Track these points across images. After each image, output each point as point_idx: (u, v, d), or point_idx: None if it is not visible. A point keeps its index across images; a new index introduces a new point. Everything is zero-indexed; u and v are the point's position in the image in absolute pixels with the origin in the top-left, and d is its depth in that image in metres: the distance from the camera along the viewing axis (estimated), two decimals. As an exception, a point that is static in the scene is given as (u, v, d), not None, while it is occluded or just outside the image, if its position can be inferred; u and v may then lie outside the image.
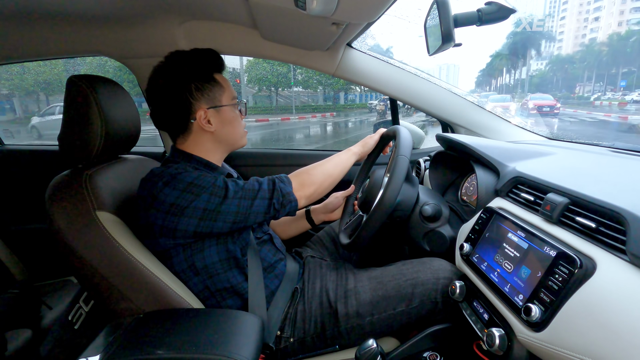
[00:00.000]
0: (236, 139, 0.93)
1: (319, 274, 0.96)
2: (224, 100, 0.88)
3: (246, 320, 0.73)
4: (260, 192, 0.82)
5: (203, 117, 0.85)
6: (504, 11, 0.85)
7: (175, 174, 0.77)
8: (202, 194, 0.77)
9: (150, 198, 0.77)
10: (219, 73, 0.90)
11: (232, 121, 0.90)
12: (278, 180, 0.85)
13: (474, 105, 1.29)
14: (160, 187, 0.76)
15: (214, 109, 0.86)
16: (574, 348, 0.48)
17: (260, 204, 0.81)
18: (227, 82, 0.90)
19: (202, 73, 0.85)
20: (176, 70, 0.84)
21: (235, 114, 0.91)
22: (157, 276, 0.76)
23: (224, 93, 0.88)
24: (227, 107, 0.88)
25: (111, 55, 1.20)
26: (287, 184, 0.86)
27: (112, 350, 0.63)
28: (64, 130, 0.79)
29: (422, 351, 0.78)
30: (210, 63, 0.88)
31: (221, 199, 0.78)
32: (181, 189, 0.76)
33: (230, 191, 0.79)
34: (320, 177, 0.91)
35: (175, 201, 0.76)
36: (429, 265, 0.87)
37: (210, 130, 0.87)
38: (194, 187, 0.77)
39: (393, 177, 0.81)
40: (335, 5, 0.68)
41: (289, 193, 0.84)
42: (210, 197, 0.77)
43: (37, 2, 0.91)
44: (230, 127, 0.90)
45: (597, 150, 0.95)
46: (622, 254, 0.49)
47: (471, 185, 1.06)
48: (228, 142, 0.92)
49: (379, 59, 1.26)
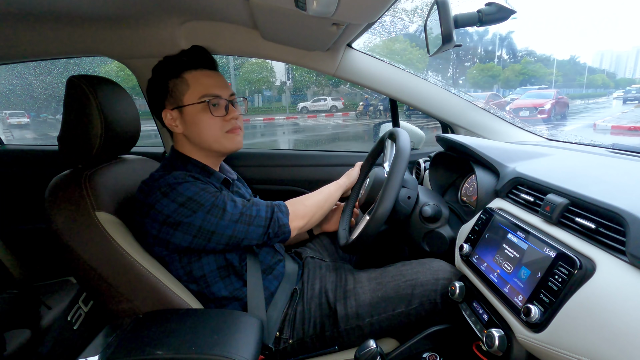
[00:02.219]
0: (209, 141, 0.85)
1: (318, 274, 0.96)
2: (185, 99, 0.83)
3: (245, 320, 0.73)
4: (257, 219, 0.80)
5: (169, 118, 0.84)
6: (504, 12, 0.85)
7: (174, 184, 0.76)
8: (199, 211, 0.75)
9: (147, 207, 0.76)
10: (193, 70, 0.84)
11: (198, 122, 0.83)
12: (277, 209, 0.84)
13: (473, 106, 1.29)
14: (158, 198, 0.75)
15: (177, 109, 0.83)
16: (573, 349, 0.48)
17: (256, 231, 0.80)
18: (200, 80, 0.84)
19: (170, 72, 0.83)
20: (154, 71, 0.85)
21: (203, 114, 0.83)
22: (156, 277, 0.76)
23: (187, 92, 0.83)
24: (190, 107, 0.83)
25: (111, 56, 1.20)
26: (285, 215, 0.84)
27: (111, 351, 0.63)
28: (64, 130, 0.79)
29: (421, 352, 0.78)
30: (181, 61, 0.84)
31: (217, 220, 0.76)
32: (179, 202, 0.75)
33: (228, 213, 0.77)
34: (313, 209, 0.91)
35: (171, 214, 0.74)
36: (428, 266, 0.87)
37: (179, 131, 0.84)
38: (193, 203, 0.75)
39: (395, 170, 0.81)
40: (336, 6, 0.68)
41: (285, 225, 0.84)
42: (207, 217, 0.76)
43: (37, 2, 0.90)
44: (195, 128, 0.84)
45: (597, 151, 0.95)
46: (622, 255, 0.49)
47: (471, 186, 1.06)
48: (201, 145, 0.86)
49: (379, 60, 1.26)
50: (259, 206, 0.83)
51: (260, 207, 0.82)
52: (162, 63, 0.85)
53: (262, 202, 0.85)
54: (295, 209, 0.87)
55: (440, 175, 1.15)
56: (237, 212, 0.79)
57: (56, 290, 1.28)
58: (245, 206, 0.81)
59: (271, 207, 0.84)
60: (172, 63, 0.84)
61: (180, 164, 0.86)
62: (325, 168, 1.50)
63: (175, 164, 0.86)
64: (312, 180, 1.50)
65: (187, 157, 0.86)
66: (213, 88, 0.85)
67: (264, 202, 0.85)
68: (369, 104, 13.77)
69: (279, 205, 0.85)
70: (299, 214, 0.88)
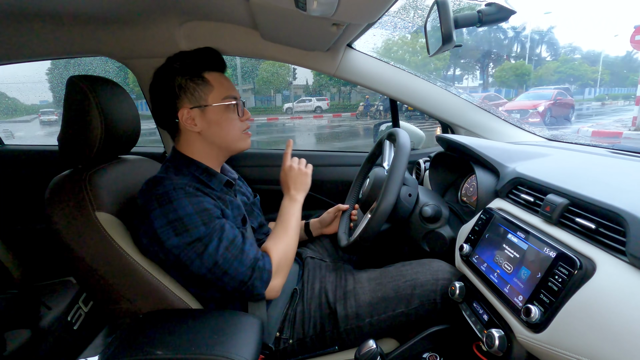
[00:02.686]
0: (228, 141, 0.87)
1: (318, 275, 0.96)
2: (210, 99, 0.83)
3: (245, 320, 0.73)
4: (234, 274, 0.76)
5: (186, 117, 0.83)
6: (504, 12, 0.85)
7: (172, 197, 0.73)
8: (184, 233, 0.73)
9: (143, 215, 0.75)
10: (211, 72, 0.85)
11: (221, 122, 0.85)
12: (256, 274, 0.78)
13: (473, 106, 1.29)
14: (154, 208, 0.73)
15: (199, 109, 0.83)
16: (573, 349, 0.48)
17: (227, 284, 0.76)
18: (220, 81, 0.86)
19: (189, 71, 0.83)
20: (165, 69, 0.84)
21: (226, 115, 0.85)
22: (155, 277, 0.76)
23: (212, 92, 0.84)
24: (213, 107, 0.83)
25: (112, 56, 1.20)
26: (264, 283, 0.78)
27: (111, 351, 0.63)
28: (64, 131, 0.79)
29: (421, 352, 0.78)
30: (199, 61, 0.84)
31: (195, 257, 0.74)
32: (170, 219, 0.73)
33: (207, 254, 0.74)
34: (290, 264, 0.87)
35: (158, 230, 0.73)
36: (428, 266, 0.87)
37: (196, 130, 0.84)
38: (180, 224, 0.73)
39: (396, 166, 0.81)
40: (336, 6, 0.68)
41: (259, 294, 0.79)
42: (186, 249, 0.73)
43: (37, 2, 0.91)
44: (217, 128, 0.85)
45: (597, 151, 0.95)
46: (622, 255, 0.49)
47: (471, 186, 1.06)
48: (220, 145, 0.87)
49: (379, 60, 1.26)
50: (243, 259, 0.77)
51: (243, 261, 0.76)
52: (175, 61, 0.83)
53: (248, 257, 0.78)
54: (279, 268, 0.82)
55: (440, 175, 1.15)
56: (218, 256, 0.74)
57: (56, 291, 1.28)
58: (230, 251, 0.76)
59: (251, 269, 0.77)
60: (192, 62, 0.84)
61: (183, 166, 0.85)
62: (325, 168, 1.50)
63: (178, 165, 0.85)
64: (312, 180, 1.50)
65: (189, 158, 0.85)
66: (231, 90, 0.87)
67: (251, 257, 0.78)
68: (370, 104, 13.52)
69: (261, 270, 0.78)
70: (281, 275, 0.83)
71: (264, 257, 0.81)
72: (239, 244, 0.77)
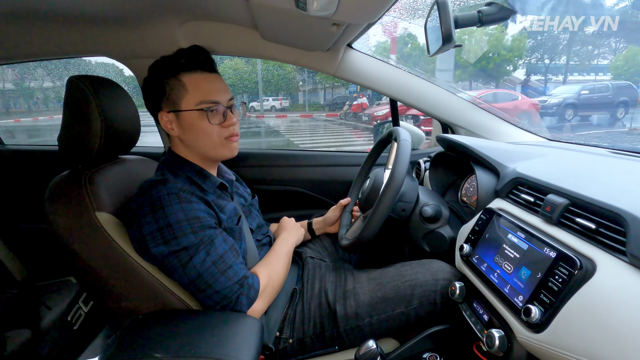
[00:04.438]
0: (207, 148, 0.83)
1: (318, 274, 0.96)
2: (183, 104, 0.80)
3: (245, 321, 0.72)
4: (218, 289, 0.74)
5: (165, 120, 0.81)
6: (505, 12, 0.85)
7: (164, 203, 0.72)
8: (171, 241, 0.72)
9: (135, 219, 0.74)
10: (191, 73, 0.80)
11: (194, 129, 0.81)
12: (244, 293, 0.77)
13: (473, 106, 1.29)
14: (145, 213, 0.73)
15: (174, 113, 0.81)
16: (573, 349, 0.48)
17: (207, 299, 0.76)
18: (198, 84, 0.80)
19: (167, 72, 0.80)
20: (150, 70, 0.83)
21: (200, 121, 0.80)
22: (155, 277, 0.76)
23: (185, 96, 0.80)
24: (187, 113, 0.80)
25: (111, 56, 1.20)
26: (248, 303, 0.77)
27: (111, 352, 0.63)
28: (64, 131, 0.79)
29: (421, 352, 0.78)
30: (177, 62, 0.80)
31: (178, 265, 0.73)
32: (159, 225, 0.72)
33: (191, 265, 0.73)
34: (277, 289, 0.87)
35: (147, 236, 0.72)
36: (428, 266, 0.86)
37: (175, 135, 0.83)
38: (171, 230, 0.72)
39: (398, 162, 0.80)
40: (336, 6, 0.68)
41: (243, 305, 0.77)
42: (170, 257, 0.73)
43: (38, 2, 0.91)
44: (191, 134, 0.81)
45: (597, 151, 0.95)
46: (622, 255, 0.49)
47: (471, 186, 1.06)
48: (199, 151, 0.84)
49: (379, 60, 1.26)
50: (231, 275, 0.75)
51: (231, 277, 0.75)
52: (159, 63, 0.83)
53: (238, 274, 0.76)
54: (264, 292, 0.81)
55: (440, 175, 1.15)
56: (202, 270, 0.73)
57: (56, 291, 1.28)
58: (217, 266, 0.74)
59: (239, 284, 0.76)
60: (170, 63, 0.81)
61: (177, 168, 0.84)
62: (325, 168, 1.50)
63: (172, 166, 0.84)
64: (312, 181, 1.50)
65: (184, 159, 0.85)
66: (212, 94, 0.81)
67: (240, 274, 0.77)
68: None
69: (249, 287, 0.77)
70: (265, 299, 0.81)
71: (253, 276, 0.80)
72: (229, 262, 0.76)
